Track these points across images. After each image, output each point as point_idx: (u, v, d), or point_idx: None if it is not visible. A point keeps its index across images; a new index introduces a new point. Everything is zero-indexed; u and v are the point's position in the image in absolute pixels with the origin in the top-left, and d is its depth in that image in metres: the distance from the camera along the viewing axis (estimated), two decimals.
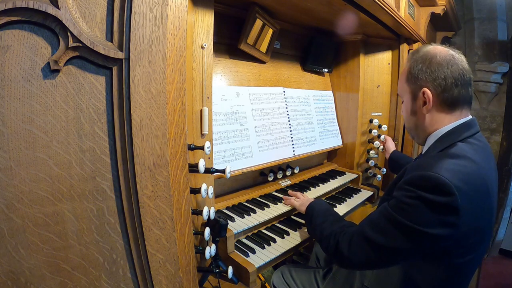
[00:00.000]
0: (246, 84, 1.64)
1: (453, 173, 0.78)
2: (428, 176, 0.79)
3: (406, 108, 1.05)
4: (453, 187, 0.76)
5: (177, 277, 0.85)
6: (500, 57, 3.00)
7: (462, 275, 0.91)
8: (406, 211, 0.82)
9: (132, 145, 0.73)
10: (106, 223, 0.77)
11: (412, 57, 1.00)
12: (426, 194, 0.78)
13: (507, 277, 2.60)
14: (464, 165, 0.82)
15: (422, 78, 0.95)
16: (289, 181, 1.83)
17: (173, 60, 0.75)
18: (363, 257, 0.91)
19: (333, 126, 2.20)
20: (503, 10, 2.96)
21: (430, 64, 0.94)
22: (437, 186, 0.77)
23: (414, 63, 0.98)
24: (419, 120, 1.00)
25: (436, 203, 0.77)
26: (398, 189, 0.88)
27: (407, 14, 1.86)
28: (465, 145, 0.90)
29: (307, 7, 1.50)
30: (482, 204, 0.83)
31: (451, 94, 0.93)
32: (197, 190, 1.02)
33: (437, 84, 0.93)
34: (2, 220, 0.64)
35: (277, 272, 1.43)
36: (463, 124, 0.95)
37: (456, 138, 0.92)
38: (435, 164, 0.82)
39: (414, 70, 0.97)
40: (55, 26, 0.63)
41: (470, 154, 0.86)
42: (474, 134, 0.94)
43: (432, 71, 0.93)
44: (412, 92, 1.00)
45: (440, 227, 0.78)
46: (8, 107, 0.61)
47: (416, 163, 0.91)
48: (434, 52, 0.96)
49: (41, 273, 0.70)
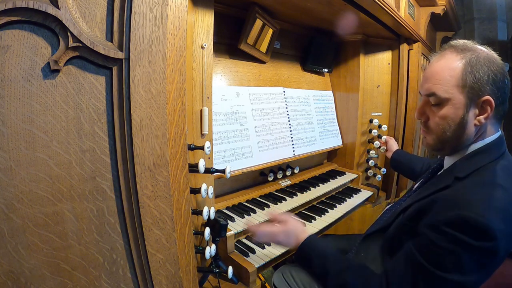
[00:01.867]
0: (246, 84, 1.64)
1: (496, 213, 0.71)
2: (472, 221, 0.70)
3: (450, 116, 0.84)
4: (497, 231, 0.69)
5: (177, 277, 0.85)
6: (500, 57, 2.99)
7: None
8: (443, 258, 0.74)
9: (132, 145, 0.73)
10: (106, 223, 0.77)
11: (466, 54, 0.82)
12: (468, 239, 0.70)
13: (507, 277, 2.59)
14: (503, 200, 0.74)
15: (487, 84, 0.79)
16: (289, 181, 1.83)
17: (173, 60, 0.75)
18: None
19: (333, 126, 2.20)
20: (503, 10, 2.97)
21: (494, 69, 0.80)
22: (481, 231, 0.70)
23: (475, 63, 0.80)
24: (466, 132, 0.84)
25: (478, 248, 0.71)
26: (432, 228, 0.76)
27: (407, 14, 1.86)
28: (499, 169, 0.81)
29: (307, 7, 1.50)
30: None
31: (504, 108, 0.83)
32: (197, 190, 1.02)
33: (499, 94, 0.80)
34: (2, 220, 0.64)
35: (278, 272, 1.43)
36: (495, 141, 0.86)
37: (489, 158, 0.83)
38: (475, 201, 0.73)
39: (477, 71, 0.80)
40: (55, 26, 0.63)
41: (503, 181, 0.78)
42: (504, 152, 0.86)
43: (497, 78, 0.79)
44: (468, 98, 0.81)
45: (477, 270, 0.73)
46: (8, 107, 0.61)
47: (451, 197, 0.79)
48: (492, 55, 0.83)
49: (41, 273, 0.70)
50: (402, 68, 2.07)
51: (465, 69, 0.81)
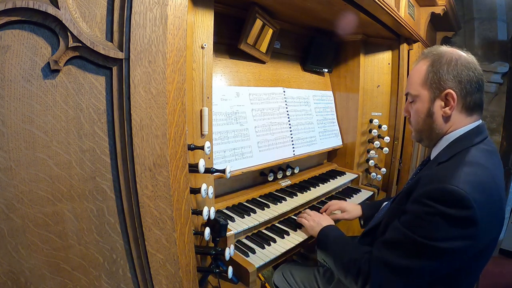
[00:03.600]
0: (246, 84, 1.64)
1: (471, 185, 0.78)
2: (447, 190, 0.78)
3: (420, 109, 0.99)
4: (472, 200, 0.75)
5: (177, 277, 0.85)
6: (500, 57, 2.99)
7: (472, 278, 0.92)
8: (425, 228, 0.81)
9: (132, 145, 0.73)
10: (106, 223, 0.77)
11: (432, 57, 0.96)
12: (446, 209, 0.77)
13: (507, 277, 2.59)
14: (479, 174, 0.82)
15: (447, 79, 0.91)
16: (289, 181, 1.83)
17: (173, 60, 0.75)
18: (387, 284, 0.88)
19: (333, 126, 2.20)
20: (503, 10, 2.96)
21: (456, 66, 0.91)
22: (457, 201, 0.76)
23: (436, 63, 0.94)
24: (436, 122, 0.97)
25: (456, 217, 0.77)
26: (413, 202, 0.86)
27: (407, 14, 1.86)
28: (477, 151, 0.89)
29: (307, 7, 1.50)
30: (496, 211, 0.84)
31: (473, 98, 0.92)
32: (197, 190, 1.02)
33: (462, 86, 0.91)
34: (2, 220, 0.64)
35: (278, 272, 1.44)
36: (475, 128, 0.94)
37: (468, 143, 0.91)
38: (452, 175, 0.80)
39: (436, 70, 0.93)
40: (55, 26, 0.63)
41: (483, 160, 0.86)
42: (484, 139, 0.93)
43: (458, 73, 0.91)
44: (431, 93, 0.95)
45: (460, 241, 0.78)
46: (8, 107, 0.61)
47: (432, 174, 0.88)
48: (457, 53, 0.94)
49: (41, 273, 0.70)
50: (402, 68, 2.07)
51: (427, 70, 0.96)
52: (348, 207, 1.49)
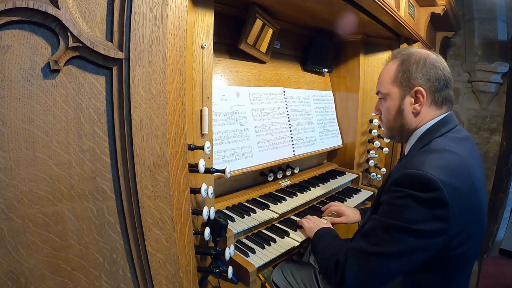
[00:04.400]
0: (246, 84, 1.64)
1: (437, 168, 0.81)
2: (413, 174, 0.81)
3: (391, 107, 1.04)
4: (438, 181, 0.78)
5: (177, 277, 0.85)
6: (500, 57, 2.99)
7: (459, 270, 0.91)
8: (398, 213, 0.83)
9: (132, 145, 0.73)
10: (106, 223, 0.77)
11: (399, 58, 1.01)
12: (415, 192, 0.80)
13: (507, 277, 2.59)
14: (445, 158, 0.85)
15: (416, 77, 0.96)
16: (289, 181, 1.83)
17: (173, 60, 0.75)
18: (363, 273, 0.87)
19: (333, 126, 2.20)
20: (503, 10, 2.96)
21: (424, 64, 0.95)
22: (424, 183, 0.79)
23: (405, 63, 0.98)
24: (406, 119, 1.01)
25: (425, 199, 0.79)
26: (386, 192, 0.89)
27: (407, 14, 1.86)
28: (444, 139, 0.93)
29: (307, 7, 1.50)
30: (469, 194, 0.84)
31: (442, 95, 0.97)
32: (197, 190, 1.02)
33: (431, 84, 0.95)
34: (2, 220, 0.64)
35: (278, 269, 1.44)
36: (441, 120, 0.97)
37: (435, 134, 0.95)
38: (417, 162, 0.84)
39: (406, 68, 0.97)
40: (55, 26, 0.63)
41: (450, 146, 0.89)
42: (452, 128, 0.96)
43: (427, 71, 0.95)
44: (401, 90, 1.00)
45: (433, 222, 0.79)
46: (8, 107, 0.61)
47: (400, 164, 0.94)
48: (426, 53, 0.98)
49: (41, 273, 0.70)
50: None
51: (397, 69, 1.00)
52: (348, 212, 1.49)
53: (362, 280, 0.87)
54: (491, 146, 3.24)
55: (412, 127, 1.01)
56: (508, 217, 2.95)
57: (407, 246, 0.82)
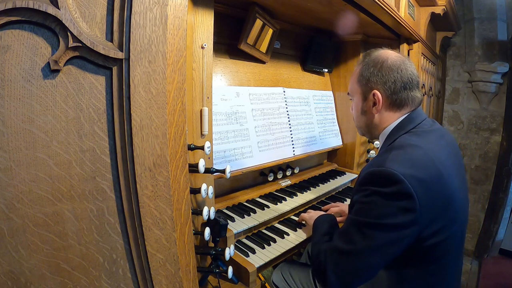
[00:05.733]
0: (246, 84, 1.64)
1: (398, 162, 0.84)
2: (376, 172, 0.85)
3: (356, 107, 1.11)
4: (399, 174, 0.80)
5: (177, 277, 0.85)
6: (500, 57, 2.99)
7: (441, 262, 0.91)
8: (366, 210, 0.86)
9: (132, 145, 0.73)
10: (106, 223, 0.77)
11: (364, 60, 1.06)
12: (378, 188, 0.83)
13: (507, 277, 2.59)
14: (408, 152, 0.88)
15: (373, 81, 1.00)
16: (289, 181, 1.83)
17: (173, 60, 0.75)
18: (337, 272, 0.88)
19: (333, 126, 2.20)
20: (503, 10, 2.96)
21: (381, 68, 0.99)
22: (386, 178, 0.82)
23: (365, 66, 1.03)
24: (369, 119, 1.07)
25: (389, 193, 0.82)
26: (355, 192, 0.93)
27: (407, 14, 1.86)
28: (409, 135, 0.96)
29: (307, 7, 1.50)
30: (436, 183, 0.85)
31: (400, 96, 1.00)
32: (197, 190, 1.02)
33: (387, 87, 0.99)
34: (2, 220, 0.64)
35: (277, 271, 1.44)
36: (406, 118, 1.01)
37: (401, 131, 0.98)
38: (381, 160, 0.88)
39: (365, 73, 1.02)
40: (55, 26, 0.63)
41: (414, 141, 0.92)
42: (419, 123, 1.00)
43: (383, 74, 0.99)
44: (362, 93, 1.05)
45: (401, 215, 0.81)
46: (8, 107, 0.61)
47: (367, 165, 0.97)
48: (386, 56, 1.02)
49: (41, 273, 0.70)
50: None
51: (359, 73, 1.06)
52: (347, 211, 1.49)
53: (343, 278, 0.88)
54: (491, 146, 3.24)
55: (378, 126, 1.06)
56: (508, 217, 2.95)
57: (379, 241, 0.83)
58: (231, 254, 1.09)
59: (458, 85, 3.38)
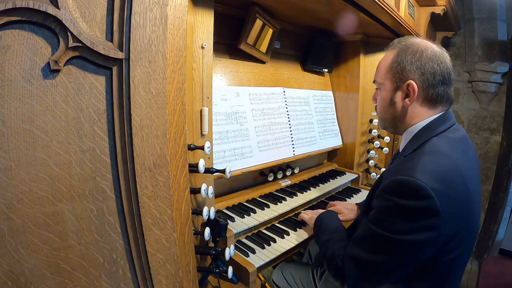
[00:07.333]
0: (246, 84, 1.64)
1: (429, 174, 0.77)
2: (404, 182, 0.78)
3: (384, 97, 1.00)
4: (430, 189, 0.74)
5: (177, 277, 0.85)
6: (500, 57, 2.99)
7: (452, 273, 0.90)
8: (388, 222, 0.81)
9: (132, 145, 0.73)
10: (106, 223, 0.77)
11: (399, 46, 0.96)
12: (404, 201, 0.77)
13: (507, 277, 2.59)
14: (439, 163, 0.81)
15: (410, 70, 0.91)
16: (289, 181, 1.83)
17: (173, 60, 0.75)
18: (355, 279, 0.89)
19: (333, 126, 2.20)
20: (503, 10, 2.96)
21: (420, 57, 0.90)
22: (414, 191, 0.76)
23: (402, 53, 0.93)
24: (397, 112, 0.98)
25: (415, 208, 0.76)
26: (376, 197, 0.86)
27: (407, 14, 1.86)
28: (440, 140, 0.88)
29: (307, 7, 1.50)
30: (462, 199, 0.81)
31: (436, 91, 0.91)
32: (197, 190, 1.02)
33: (425, 78, 0.90)
34: (2, 220, 0.64)
35: (277, 270, 1.44)
36: (438, 118, 0.93)
37: (432, 133, 0.90)
38: (409, 167, 0.80)
39: (401, 60, 0.92)
40: (55, 26, 0.63)
41: (446, 149, 0.85)
42: (450, 127, 0.92)
43: (422, 64, 0.89)
44: (394, 82, 0.95)
45: (422, 232, 0.77)
46: (8, 107, 0.61)
47: (392, 167, 0.91)
48: (426, 45, 0.93)
49: (41, 273, 0.70)
50: None
51: (393, 59, 0.95)
52: (344, 210, 1.45)
53: (361, 284, 0.89)
54: (491, 146, 3.24)
55: (405, 121, 0.97)
56: (508, 217, 2.95)
57: (397, 256, 0.81)
58: (231, 254, 1.09)
59: (458, 85, 3.37)
